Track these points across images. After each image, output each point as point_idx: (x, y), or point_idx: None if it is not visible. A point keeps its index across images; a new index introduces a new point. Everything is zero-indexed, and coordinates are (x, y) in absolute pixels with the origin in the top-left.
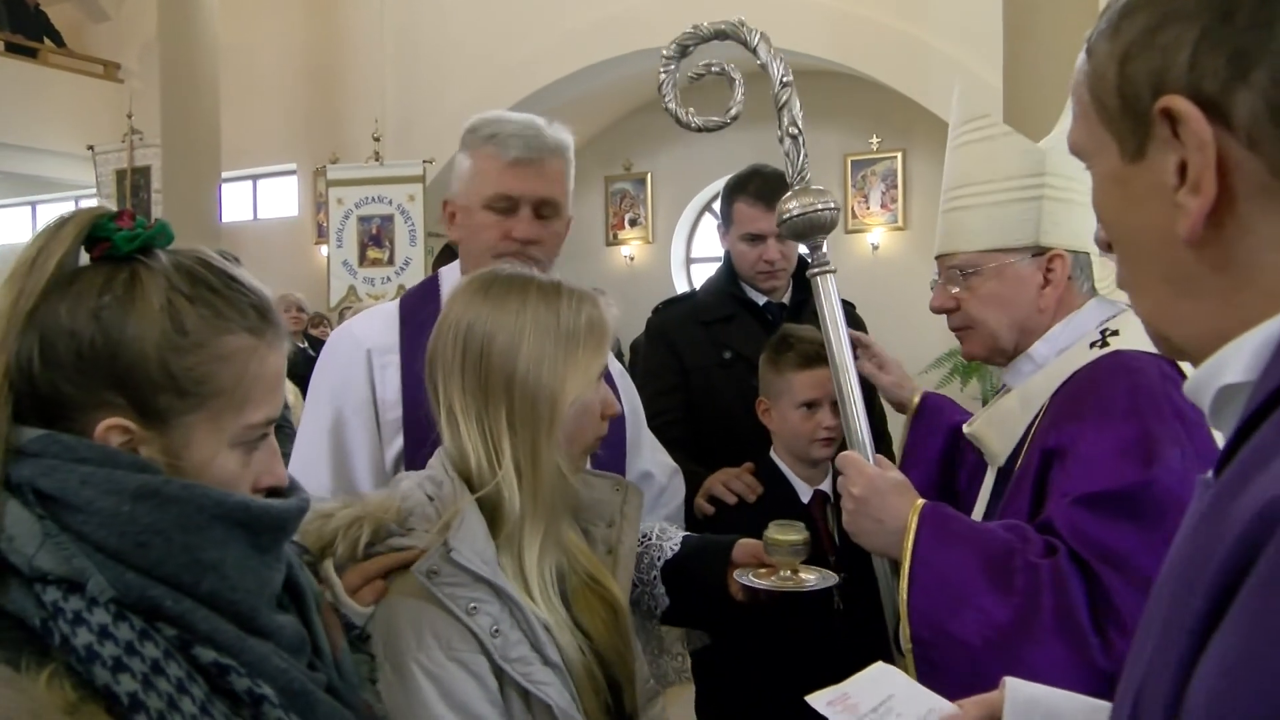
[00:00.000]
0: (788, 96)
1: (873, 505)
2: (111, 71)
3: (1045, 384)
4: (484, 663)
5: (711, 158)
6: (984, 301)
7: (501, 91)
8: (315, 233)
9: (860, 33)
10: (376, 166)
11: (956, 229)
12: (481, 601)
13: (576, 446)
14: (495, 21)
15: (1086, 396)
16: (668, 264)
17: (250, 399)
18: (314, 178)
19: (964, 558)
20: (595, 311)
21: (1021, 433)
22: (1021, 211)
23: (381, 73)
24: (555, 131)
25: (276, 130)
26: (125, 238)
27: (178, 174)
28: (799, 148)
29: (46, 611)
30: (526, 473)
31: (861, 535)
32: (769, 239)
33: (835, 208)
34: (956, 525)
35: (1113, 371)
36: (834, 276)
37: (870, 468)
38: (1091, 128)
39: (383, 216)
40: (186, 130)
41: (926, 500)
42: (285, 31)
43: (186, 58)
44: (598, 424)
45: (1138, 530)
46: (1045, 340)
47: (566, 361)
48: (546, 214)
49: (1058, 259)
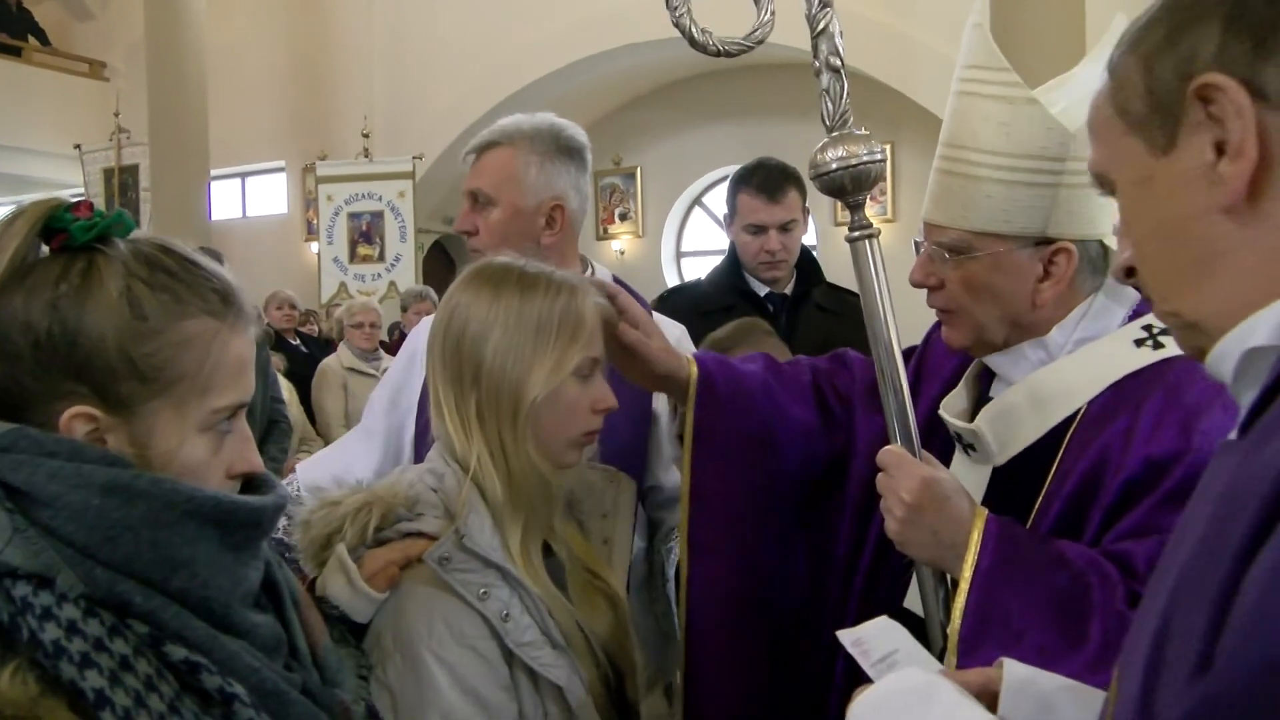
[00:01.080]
0: (827, 20)
1: (929, 514)
2: (97, 70)
3: (1073, 384)
4: (495, 648)
5: (701, 151)
6: (972, 289)
7: (490, 87)
8: (305, 230)
9: (848, 26)
10: (366, 163)
11: (951, 198)
12: (492, 587)
13: (558, 440)
14: (483, 18)
15: (1174, 419)
16: (658, 258)
17: (214, 383)
18: (303, 175)
19: (1033, 594)
20: (572, 303)
21: (1037, 435)
22: (1033, 197)
23: (370, 69)
24: (517, 120)
25: (265, 127)
26: (82, 227)
27: (166, 172)
28: (841, 82)
29: (15, 607)
30: (499, 463)
31: (910, 546)
32: (770, 230)
33: (882, 158)
34: (1027, 551)
35: (1204, 392)
36: (878, 241)
37: (922, 468)
38: (1113, 142)
39: (373, 213)
40: (174, 128)
41: (991, 514)
42: (273, 28)
43: (174, 56)
44: (585, 418)
45: None
46: (1062, 328)
47: (534, 354)
48: (480, 203)
49: (1064, 253)
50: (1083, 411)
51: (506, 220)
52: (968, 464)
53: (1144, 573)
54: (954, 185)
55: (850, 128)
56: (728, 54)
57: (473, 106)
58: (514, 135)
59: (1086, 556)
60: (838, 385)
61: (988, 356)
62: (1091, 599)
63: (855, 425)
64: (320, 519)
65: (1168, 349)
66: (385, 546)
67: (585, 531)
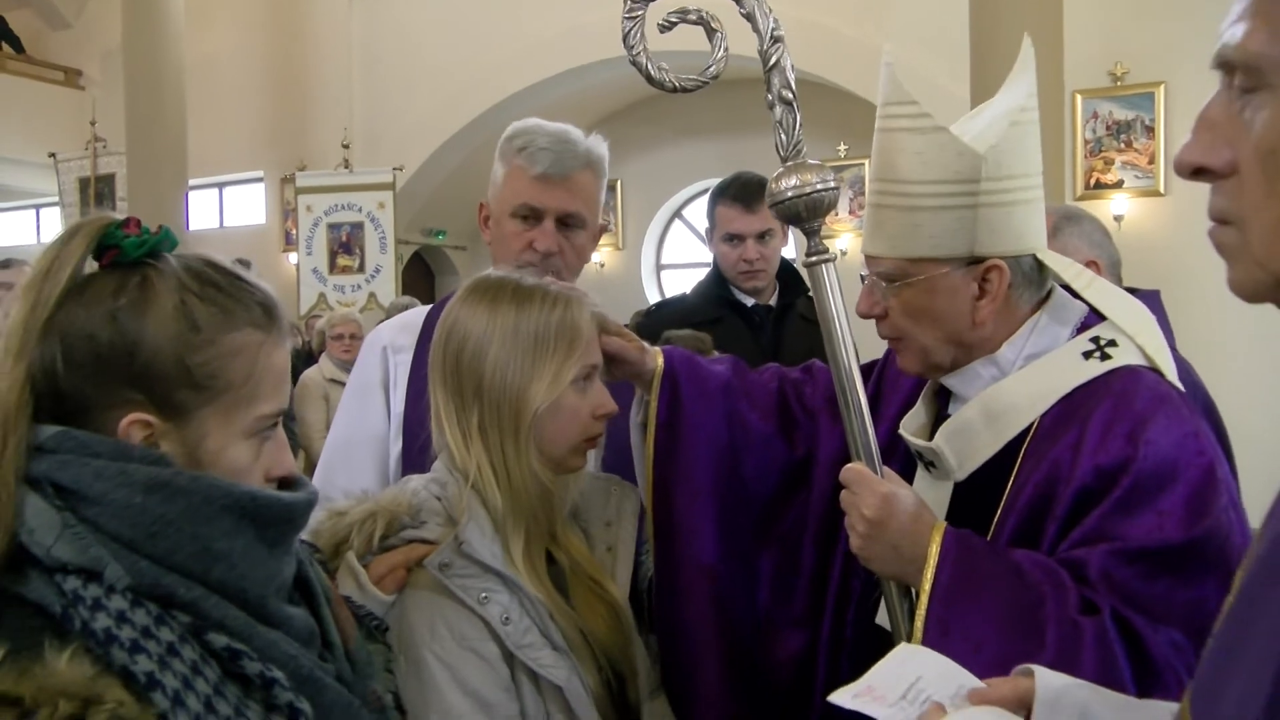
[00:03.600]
0: (779, 55)
1: (890, 529)
2: (73, 79)
3: (1027, 397)
4: (495, 650)
5: (680, 165)
6: (912, 314)
7: (470, 100)
8: (283, 240)
9: (826, 42)
10: (346, 174)
11: (883, 228)
12: (493, 591)
13: (560, 447)
14: (463, 30)
15: (1121, 428)
16: (638, 270)
17: (260, 391)
18: (281, 185)
19: (990, 605)
20: (568, 315)
21: (994, 450)
22: (955, 219)
23: (349, 80)
24: (588, 144)
25: (243, 137)
26: (134, 244)
27: (143, 182)
28: (794, 115)
29: (66, 599)
30: (500, 472)
31: (873, 561)
32: (747, 239)
33: (835, 186)
34: (984, 563)
35: (1148, 401)
36: (834, 266)
37: (883, 484)
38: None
39: (352, 224)
40: (151, 138)
41: (949, 528)
42: (252, 38)
43: (151, 65)
44: (586, 424)
45: (1186, 587)
46: (1012, 344)
47: (533, 366)
48: (570, 226)
49: (995, 270)
50: (1035, 425)
51: (588, 243)
52: (929, 481)
53: (1095, 579)
54: (884, 216)
55: (804, 157)
56: (684, 89)
57: (453, 118)
58: (594, 160)
59: (1042, 565)
60: (804, 395)
61: (945, 379)
62: (1046, 609)
63: (819, 436)
64: (329, 529)
65: (1114, 360)
66: (391, 551)
67: (590, 539)
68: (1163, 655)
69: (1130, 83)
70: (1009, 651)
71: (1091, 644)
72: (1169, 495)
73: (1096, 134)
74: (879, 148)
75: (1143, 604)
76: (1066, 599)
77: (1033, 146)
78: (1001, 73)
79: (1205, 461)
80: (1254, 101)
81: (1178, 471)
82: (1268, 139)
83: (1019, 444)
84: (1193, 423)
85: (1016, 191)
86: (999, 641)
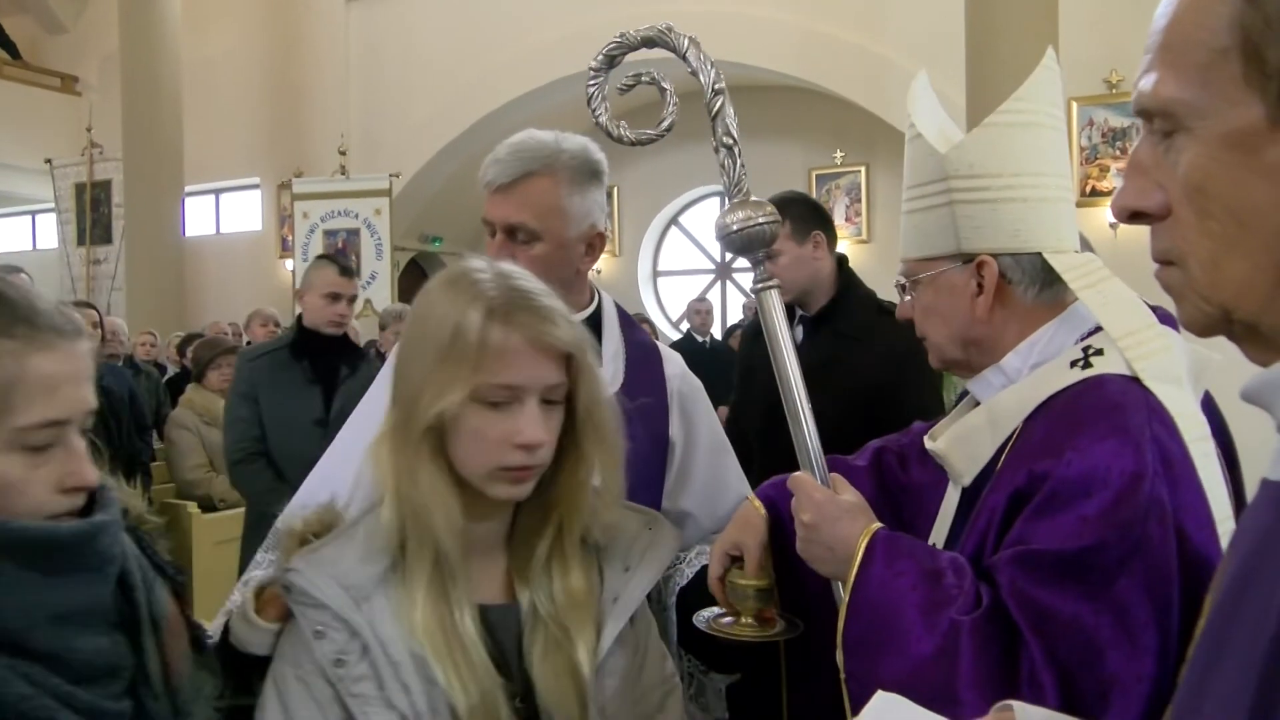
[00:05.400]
0: (720, 104)
1: (824, 532)
2: (69, 85)
3: (1018, 404)
4: (327, 691)
5: (677, 172)
6: (925, 312)
7: (467, 106)
8: (280, 247)
9: (823, 49)
10: (342, 180)
11: (903, 233)
12: (329, 627)
13: (472, 472)
14: (460, 36)
15: (1061, 435)
16: (635, 277)
17: (15, 402)
18: (278, 191)
19: (905, 599)
20: (475, 316)
21: (990, 455)
22: (938, 218)
23: (345, 86)
24: (554, 147)
25: (240, 144)
26: None
27: (139, 188)
28: (735, 158)
29: None
30: (403, 488)
31: (814, 563)
32: None
33: (777, 220)
34: (906, 563)
35: (1093, 410)
36: (777, 292)
37: (820, 491)
38: (1216, 82)
39: (349, 230)
40: (148, 144)
41: (880, 528)
42: (248, 45)
43: (148, 71)
44: (496, 451)
45: (1083, 595)
46: (1018, 353)
47: (430, 369)
48: (521, 239)
49: (984, 264)
50: (1018, 431)
51: (550, 254)
52: (952, 487)
53: (1002, 581)
54: (903, 223)
55: (746, 195)
56: (640, 143)
57: (449, 124)
58: (553, 162)
59: (954, 563)
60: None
61: (967, 383)
62: (951, 605)
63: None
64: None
65: (1095, 369)
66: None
67: (602, 580)
68: (1047, 664)
69: (1126, 90)
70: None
71: (968, 641)
72: (1088, 503)
73: (1092, 141)
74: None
75: (1038, 610)
76: (962, 599)
77: (1021, 147)
78: (997, 79)
79: (1132, 472)
80: (1175, 144)
81: (1101, 480)
82: (1192, 178)
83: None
84: (1137, 433)
85: (999, 190)
86: (918, 640)
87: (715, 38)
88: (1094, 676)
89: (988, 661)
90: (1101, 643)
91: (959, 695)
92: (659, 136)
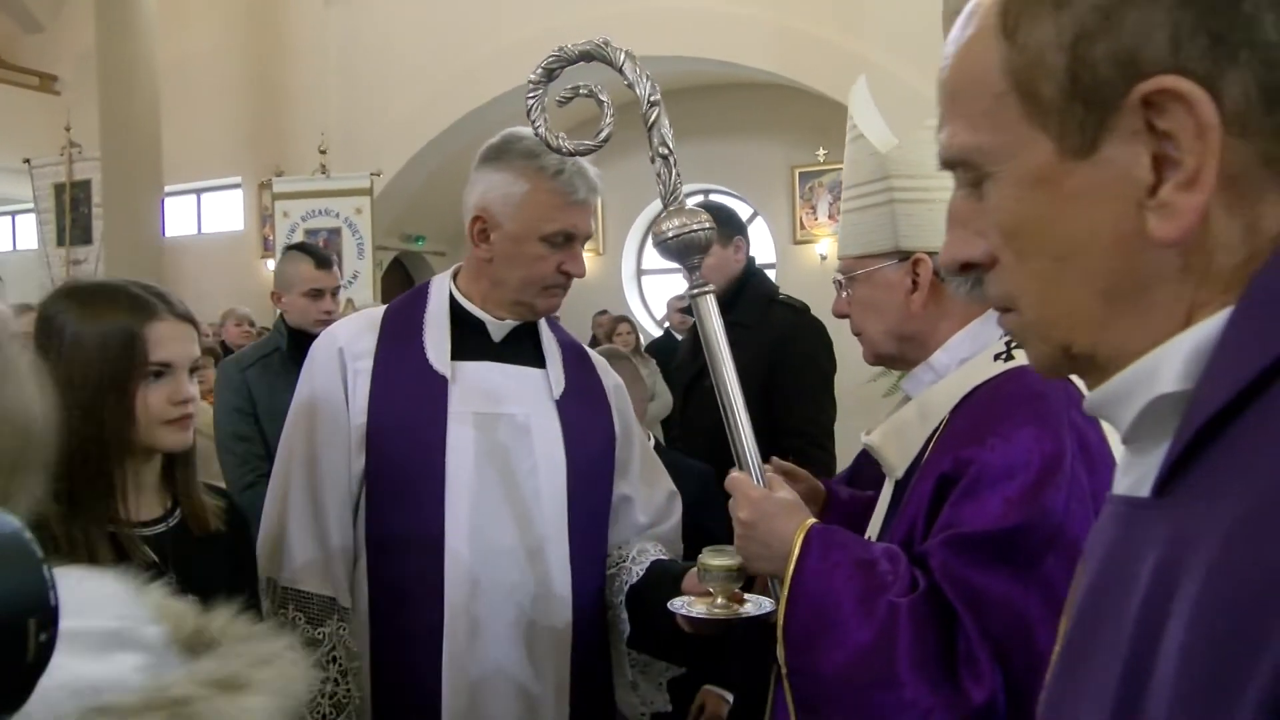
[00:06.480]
0: (656, 116)
1: (760, 530)
2: (47, 83)
3: (945, 396)
4: None
5: None
6: (861, 308)
7: (448, 104)
8: (261, 246)
9: (802, 47)
10: (323, 179)
11: (840, 233)
12: None
13: None
14: (439, 35)
15: (984, 422)
16: (619, 276)
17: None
18: (259, 191)
19: (841, 589)
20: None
21: (920, 446)
22: (876, 217)
23: (325, 85)
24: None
25: (220, 143)
26: None
27: (119, 188)
28: (670, 168)
29: None
30: None
31: (752, 560)
32: None
33: (711, 226)
34: (840, 554)
35: (1014, 398)
36: (712, 296)
37: (756, 490)
38: (1003, 125)
39: (330, 229)
40: (127, 143)
41: (815, 523)
42: (227, 43)
43: (126, 69)
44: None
45: (1012, 574)
46: (946, 349)
47: None
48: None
49: (921, 262)
50: (945, 421)
51: None
52: (887, 481)
53: (934, 565)
54: (841, 222)
55: (681, 203)
56: (578, 154)
57: (430, 123)
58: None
59: (889, 551)
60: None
61: (901, 381)
62: (887, 590)
63: None
64: None
65: (1016, 360)
66: None
67: None
68: (982, 642)
69: None
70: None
71: (905, 624)
72: (1010, 485)
73: None
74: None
75: (969, 590)
76: (898, 584)
77: None
78: None
79: (1051, 454)
80: (985, 191)
81: (1023, 463)
82: (1005, 222)
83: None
84: (1057, 420)
85: (939, 191)
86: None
87: (697, 35)
88: (1026, 652)
89: (926, 641)
90: (1031, 620)
91: (900, 676)
92: (597, 147)
